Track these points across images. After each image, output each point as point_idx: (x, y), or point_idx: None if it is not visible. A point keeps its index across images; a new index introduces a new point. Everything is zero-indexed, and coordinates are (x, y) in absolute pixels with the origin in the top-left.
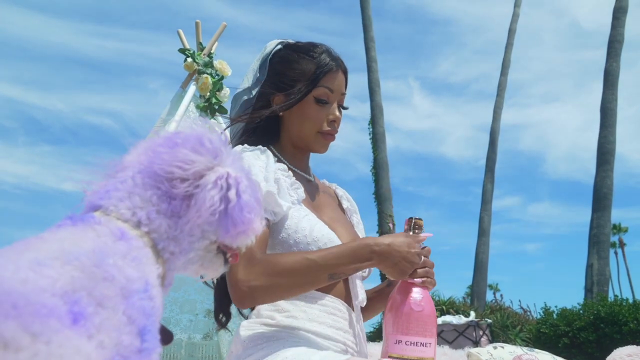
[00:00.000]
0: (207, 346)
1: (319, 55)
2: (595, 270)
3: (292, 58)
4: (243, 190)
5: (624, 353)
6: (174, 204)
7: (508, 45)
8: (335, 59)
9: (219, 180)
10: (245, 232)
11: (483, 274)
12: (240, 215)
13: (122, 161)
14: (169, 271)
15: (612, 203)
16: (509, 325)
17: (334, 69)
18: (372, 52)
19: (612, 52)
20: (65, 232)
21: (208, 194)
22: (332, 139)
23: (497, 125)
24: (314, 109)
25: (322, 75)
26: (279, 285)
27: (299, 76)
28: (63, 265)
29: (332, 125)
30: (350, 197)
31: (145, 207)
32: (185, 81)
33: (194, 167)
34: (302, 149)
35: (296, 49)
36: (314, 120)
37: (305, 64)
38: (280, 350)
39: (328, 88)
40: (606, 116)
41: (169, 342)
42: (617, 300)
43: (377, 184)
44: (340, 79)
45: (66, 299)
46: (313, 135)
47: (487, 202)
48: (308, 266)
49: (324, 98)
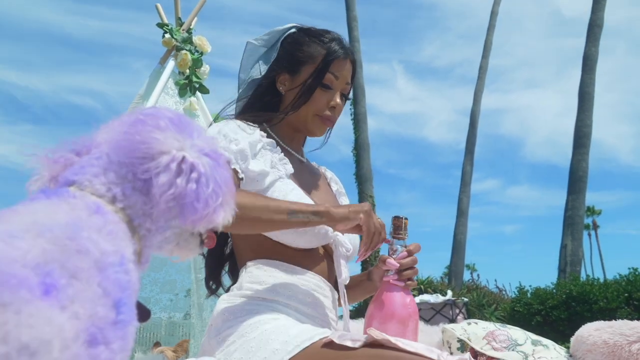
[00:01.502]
0: (187, 325)
1: (329, 42)
2: (569, 251)
3: (303, 40)
4: (196, 178)
5: (591, 328)
6: (148, 182)
7: (490, 27)
8: (345, 48)
9: (172, 164)
10: (203, 220)
11: (461, 255)
12: (196, 203)
13: (94, 138)
14: (146, 248)
15: (587, 186)
16: (485, 304)
17: (342, 56)
18: (354, 32)
19: (591, 37)
20: (39, 205)
21: (159, 180)
22: (331, 124)
23: (478, 108)
24: (317, 92)
25: (330, 62)
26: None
27: (307, 58)
28: (35, 238)
29: (332, 111)
30: (338, 180)
31: (121, 184)
32: (163, 57)
33: (153, 146)
34: (298, 130)
35: (308, 32)
36: (315, 103)
37: (315, 48)
38: (260, 322)
39: (334, 75)
40: (584, 100)
41: (146, 319)
42: (588, 280)
43: (358, 164)
44: (348, 68)
45: (38, 271)
46: (311, 117)
47: (466, 184)
48: (269, 200)
49: (328, 83)
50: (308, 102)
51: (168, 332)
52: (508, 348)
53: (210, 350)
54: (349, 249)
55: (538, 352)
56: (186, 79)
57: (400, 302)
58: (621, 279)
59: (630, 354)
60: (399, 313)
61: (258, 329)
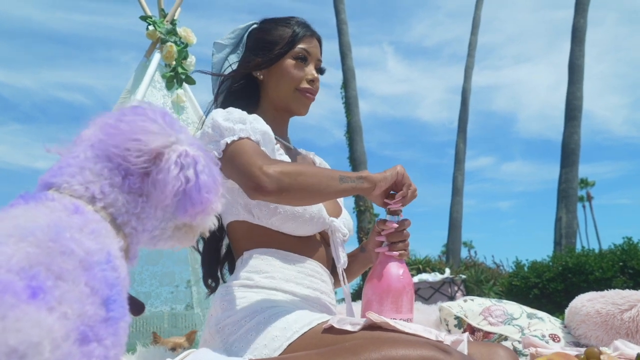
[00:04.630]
0: (189, 316)
1: (295, 24)
2: (564, 223)
3: (270, 27)
4: (201, 170)
5: (584, 299)
6: (131, 179)
7: (478, 3)
8: (310, 28)
9: (179, 159)
10: (204, 212)
11: (457, 232)
12: (198, 195)
13: (80, 136)
14: (133, 245)
15: (580, 158)
16: (483, 280)
17: (309, 34)
18: (342, 15)
19: (579, 8)
20: (18, 210)
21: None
22: (312, 98)
23: (469, 85)
24: (292, 65)
25: (298, 38)
26: (302, 173)
27: (277, 40)
28: (18, 242)
29: (311, 84)
30: (327, 165)
31: (98, 181)
32: (148, 50)
33: (151, 141)
34: (282, 110)
35: (273, 20)
36: (292, 77)
37: (282, 30)
38: (259, 311)
39: (305, 50)
40: (574, 72)
41: (140, 313)
42: (584, 251)
43: (351, 148)
44: (316, 45)
45: (22, 275)
46: (292, 92)
47: (460, 162)
48: (321, 168)
49: (303, 55)
50: (287, 78)
51: (171, 324)
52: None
53: (210, 340)
54: (345, 233)
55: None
56: (172, 70)
57: (395, 275)
58: (616, 248)
59: (622, 322)
60: (394, 286)
61: (257, 317)
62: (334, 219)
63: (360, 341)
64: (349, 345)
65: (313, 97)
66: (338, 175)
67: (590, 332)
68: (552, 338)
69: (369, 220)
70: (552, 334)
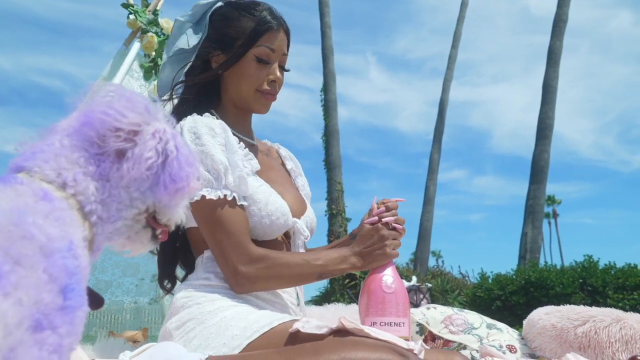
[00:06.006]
0: (152, 310)
1: (260, 13)
2: (529, 238)
3: (233, 16)
4: (181, 144)
5: (542, 312)
6: (102, 166)
7: (460, 18)
8: (276, 18)
9: (157, 134)
10: (183, 190)
11: (426, 241)
12: (179, 170)
13: (56, 125)
14: (97, 235)
15: (548, 176)
16: (449, 289)
17: (274, 27)
18: (326, 18)
19: (556, 31)
20: None
21: (146, 145)
22: (273, 99)
23: (446, 97)
24: (254, 67)
25: (262, 32)
26: (276, 277)
27: (239, 34)
28: None
29: (272, 85)
30: (294, 157)
31: (72, 169)
32: (128, 39)
33: (128, 119)
34: (243, 109)
35: (237, 6)
36: (253, 79)
37: (245, 22)
38: (220, 309)
39: (269, 47)
40: (547, 93)
41: (99, 306)
42: (546, 266)
43: (327, 151)
44: (282, 39)
45: None
46: (252, 93)
47: (433, 172)
48: (302, 265)
49: (265, 57)
50: (247, 80)
51: (133, 317)
52: (464, 331)
53: (169, 336)
54: (307, 235)
55: (492, 335)
56: (152, 61)
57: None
58: (577, 265)
59: (576, 336)
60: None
61: (217, 316)
62: (297, 220)
63: (321, 342)
64: (309, 345)
65: (274, 97)
66: (317, 272)
67: (546, 345)
68: (509, 349)
69: (340, 224)
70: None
